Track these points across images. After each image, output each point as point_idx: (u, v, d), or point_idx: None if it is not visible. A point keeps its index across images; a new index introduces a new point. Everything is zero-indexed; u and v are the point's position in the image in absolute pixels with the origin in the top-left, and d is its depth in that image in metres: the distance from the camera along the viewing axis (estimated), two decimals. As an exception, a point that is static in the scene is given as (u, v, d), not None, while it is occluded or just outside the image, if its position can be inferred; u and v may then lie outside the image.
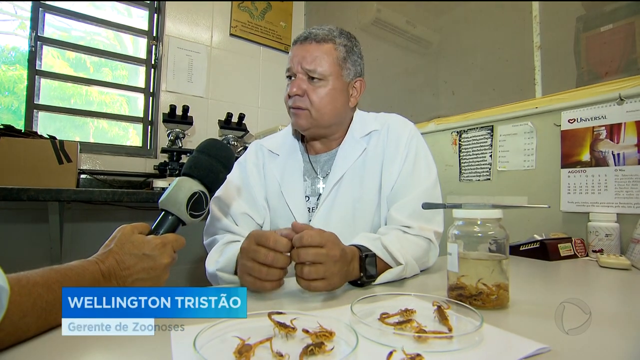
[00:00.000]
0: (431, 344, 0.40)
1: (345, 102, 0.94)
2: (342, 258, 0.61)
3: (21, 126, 1.85)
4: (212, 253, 0.82)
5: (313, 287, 0.59)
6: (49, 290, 0.43)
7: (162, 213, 0.61)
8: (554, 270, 0.93)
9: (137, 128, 2.25)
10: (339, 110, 0.93)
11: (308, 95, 0.88)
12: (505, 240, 0.57)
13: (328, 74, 0.88)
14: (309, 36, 0.89)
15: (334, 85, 0.89)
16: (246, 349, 0.36)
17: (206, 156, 0.65)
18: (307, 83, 0.88)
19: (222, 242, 0.84)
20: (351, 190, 0.91)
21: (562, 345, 0.41)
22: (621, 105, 1.12)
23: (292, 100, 0.90)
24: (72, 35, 2.11)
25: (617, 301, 0.71)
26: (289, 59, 0.91)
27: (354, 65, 0.93)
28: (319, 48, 0.88)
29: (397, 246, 0.73)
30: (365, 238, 0.74)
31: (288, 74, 0.92)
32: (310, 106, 0.88)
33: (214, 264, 0.75)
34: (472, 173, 1.55)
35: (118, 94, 2.24)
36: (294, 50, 0.90)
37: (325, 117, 0.90)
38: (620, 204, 1.10)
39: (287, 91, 0.91)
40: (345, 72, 0.91)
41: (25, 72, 1.90)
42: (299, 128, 0.93)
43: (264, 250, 0.60)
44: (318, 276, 0.58)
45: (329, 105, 0.89)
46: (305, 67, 0.87)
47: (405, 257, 0.73)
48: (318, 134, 0.95)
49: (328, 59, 0.88)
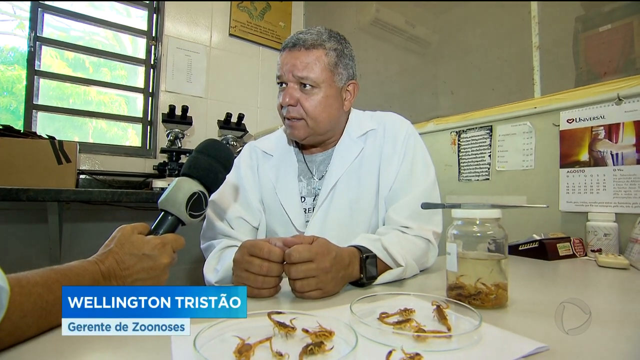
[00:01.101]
0: (430, 343, 0.40)
1: (339, 107, 0.92)
2: (334, 266, 0.62)
3: (20, 126, 1.85)
4: (209, 260, 0.82)
5: (307, 296, 0.61)
6: (49, 290, 0.43)
7: (161, 213, 0.61)
8: (553, 270, 0.94)
9: (137, 128, 2.25)
10: (334, 116, 0.91)
11: (301, 104, 0.86)
12: (504, 240, 0.57)
13: (320, 81, 0.86)
14: (297, 42, 0.86)
15: (327, 92, 0.87)
16: (246, 349, 0.36)
17: (205, 156, 0.65)
18: (299, 91, 0.86)
19: (218, 247, 0.84)
20: (348, 191, 0.90)
21: (560, 345, 0.41)
22: (619, 105, 1.13)
23: (285, 110, 0.88)
24: (70, 35, 2.10)
25: (615, 300, 0.71)
26: (279, 66, 0.89)
27: (345, 69, 0.91)
28: (309, 55, 0.85)
29: (397, 247, 0.73)
30: (366, 239, 0.74)
31: (279, 81, 0.90)
32: (306, 115, 0.87)
33: (213, 273, 0.76)
34: (471, 173, 1.55)
35: (117, 94, 2.24)
36: (283, 57, 0.88)
37: (321, 124, 0.89)
38: (619, 204, 1.10)
39: (280, 100, 0.89)
40: (337, 77, 0.89)
41: (24, 72, 1.90)
42: (296, 139, 0.92)
43: (258, 261, 0.61)
44: (311, 289, 0.60)
45: (324, 112, 0.88)
46: (296, 74, 0.85)
47: (405, 258, 0.73)
48: (316, 141, 0.94)
49: (319, 66, 0.85)
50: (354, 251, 0.69)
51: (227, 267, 0.72)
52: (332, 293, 0.63)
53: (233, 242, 0.85)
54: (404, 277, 0.75)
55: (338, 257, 0.63)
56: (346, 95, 0.94)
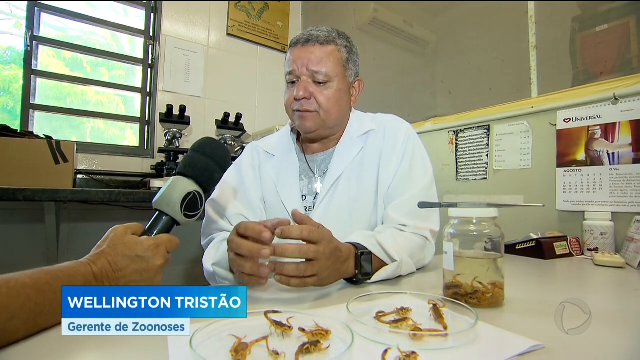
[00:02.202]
0: (426, 341, 0.40)
1: (348, 102, 0.95)
2: (333, 255, 0.61)
3: (16, 126, 1.84)
4: (209, 250, 0.82)
5: (301, 283, 0.58)
6: (38, 292, 0.42)
7: (156, 213, 0.60)
8: (550, 269, 0.94)
9: (134, 128, 2.24)
10: (344, 111, 0.95)
11: (315, 97, 0.88)
12: (500, 239, 0.58)
13: (334, 75, 0.88)
14: (310, 38, 0.89)
15: (339, 86, 0.90)
16: (242, 348, 0.36)
17: (201, 155, 0.64)
18: (313, 85, 0.88)
19: (218, 239, 0.84)
20: (348, 189, 0.91)
21: (556, 343, 0.41)
22: (616, 105, 1.13)
23: (298, 104, 0.89)
24: (68, 35, 2.09)
25: (611, 299, 0.71)
26: (290, 62, 0.89)
27: (354, 65, 0.95)
28: (323, 50, 0.88)
29: (392, 243, 0.74)
30: (361, 235, 0.75)
31: (291, 78, 0.90)
32: (319, 108, 0.89)
33: (211, 259, 0.76)
34: (468, 172, 1.56)
35: (114, 94, 2.23)
36: (296, 53, 0.89)
37: (332, 117, 0.91)
38: (615, 203, 1.11)
39: (292, 94, 0.89)
40: (349, 73, 0.93)
41: (21, 72, 1.89)
42: (306, 130, 0.92)
43: (248, 243, 0.59)
44: (312, 273, 0.58)
45: (336, 106, 0.90)
46: (311, 68, 0.87)
47: (400, 254, 0.73)
48: (323, 135, 0.95)
49: (333, 60, 0.88)
50: (350, 247, 0.69)
51: (223, 252, 0.71)
52: (325, 284, 0.62)
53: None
54: (399, 274, 0.75)
55: (338, 250, 0.63)
56: (352, 92, 0.97)
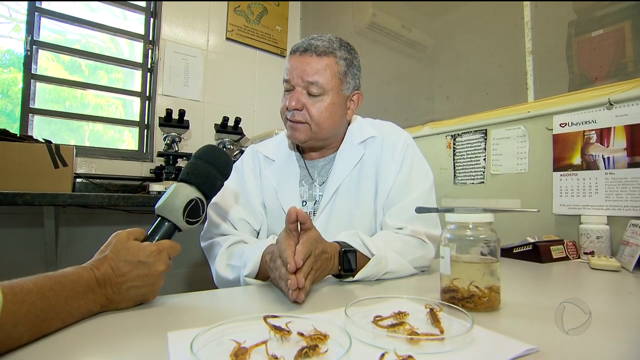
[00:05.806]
0: (423, 345, 0.41)
1: (343, 115, 0.93)
2: (320, 258, 0.66)
3: (16, 130, 1.84)
4: (220, 257, 0.83)
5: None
6: (42, 297, 0.42)
7: (158, 219, 0.61)
8: (546, 272, 0.95)
9: (133, 131, 2.25)
10: (337, 124, 0.92)
11: (307, 109, 0.87)
12: (496, 243, 0.58)
13: (329, 88, 0.86)
14: (308, 47, 0.87)
15: (334, 100, 0.88)
16: (242, 352, 0.37)
17: (204, 163, 0.65)
18: (306, 97, 0.87)
19: (227, 243, 0.85)
20: (349, 196, 0.92)
21: (550, 346, 0.42)
22: (611, 110, 1.14)
23: (290, 114, 0.89)
24: (67, 38, 2.10)
25: (607, 302, 0.72)
26: (287, 70, 0.89)
27: (353, 78, 0.92)
28: (320, 61, 0.86)
29: (376, 241, 0.76)
30: (345, 234, 0.77)
31: (286, 86, 0.90)
32: (310, 120, 0.87)
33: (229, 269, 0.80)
34: (466, 176, 1.57)
35: (114, 97, 2.24)
36: (293, 61, 0.88)
37: (323, 130, 0.90)
38: (611, 207, 1.12)
39: (285, 103, 0.89)
40: (345, 86, 0.90)
41: (20, 75, 1.89)
42: (297, 141, 0.93)
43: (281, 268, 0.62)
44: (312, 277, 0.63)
45: (328, 119, 0.89)
46: (306, 79, 0.85)
47: (380, 249, 0.75)
48: (315, 145, 0.95)
49: (329, 73, 0.86)
50: (335, 245, 0.72)
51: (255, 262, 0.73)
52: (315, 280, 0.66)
53: (239, 239, 0.88)
54: (388, 271, 0.76)
55: (324, 252, 0.67)
56: (350, 105, 0.94)
